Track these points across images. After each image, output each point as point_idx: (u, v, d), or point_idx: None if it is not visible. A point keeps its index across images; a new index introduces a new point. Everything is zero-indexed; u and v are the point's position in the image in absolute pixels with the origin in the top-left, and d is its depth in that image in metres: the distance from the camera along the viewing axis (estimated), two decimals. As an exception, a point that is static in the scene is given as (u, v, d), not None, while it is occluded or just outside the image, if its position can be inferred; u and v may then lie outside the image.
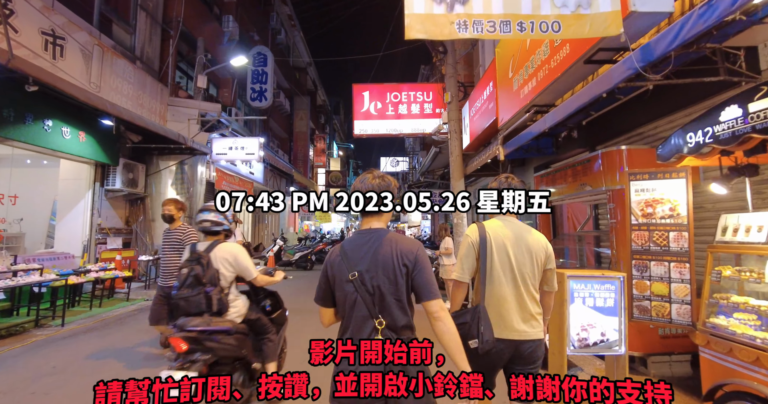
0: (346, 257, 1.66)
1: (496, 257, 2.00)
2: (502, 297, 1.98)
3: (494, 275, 1.99)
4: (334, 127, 41.26)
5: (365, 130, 8.81)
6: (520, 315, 1.97)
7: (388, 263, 1.61)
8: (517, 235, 2.05)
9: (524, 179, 8.03)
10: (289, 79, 21.30)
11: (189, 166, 9.41)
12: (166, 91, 9.56)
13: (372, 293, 1.60)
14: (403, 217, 29.16)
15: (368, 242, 1.66)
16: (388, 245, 1.63)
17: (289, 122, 22.35)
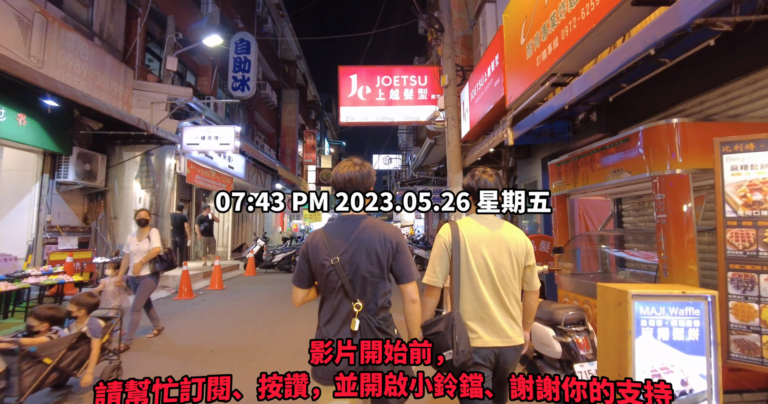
0: (329, 242, 1.71)
1: (472, 258, 1.86)
2: (482, 301, 1.84)
3: (471, 277, 1.85)
4: (325, 124, 40.27)
5: (352, 117, 7.90)
6: (503, 319, 1.84)
7: (371, 246, 1.68)
8: (493, 232, 1.90)
9: (530, 171, 7.17)
10: (276, 71, 20.31)
11: (156, 157, 8.43)
12: (131, 74, 8.56)
13: (352, 277, 1.67)
14: (395, 216, 28.27)
15: (351, 227, 1.72)
16: (371, 230, 1.71)
17: (277, 116, 21.36)
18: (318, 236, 1.76)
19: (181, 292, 7.49)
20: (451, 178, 7.17)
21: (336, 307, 1.70)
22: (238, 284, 9.24)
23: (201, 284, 8.75)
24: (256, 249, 11.36)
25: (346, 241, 1.69)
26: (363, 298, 1.67)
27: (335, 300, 1.70)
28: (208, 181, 10.43)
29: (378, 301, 1.70)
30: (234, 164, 12.08)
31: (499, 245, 1.86)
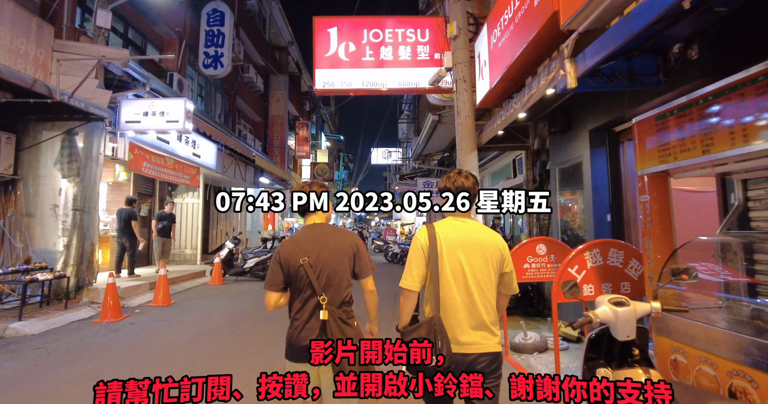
0: (298, 247, 1.97)
1: (447, 261, 1.84)
2: (452, 306, 1.82)
3: (443, 281, 1.83)
4: (322, 117, 38.35)
5: (331, 83, 6.03)
6: (470, 325, 1.81)
7: (336, 248, 1.98)
8: (470, 236, 1.87)
9: (569, 151, 5.29)
10: (264, 54, 18.44)
11: (83, 137, 6.57)
12: (50, 32, 6.70)
13: (319, 275, 1.93)
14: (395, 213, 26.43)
15: (316, 233, 2.02)
16: (335, 236, 2.02)
17: (264, 104, 19.49)
18: (288, 243, 2.01)
19: (105, 312, 5.66)
20: (462, 160, 5.30)
21: (305, 300, 1.95)
22: (192, 298, 7.39)
23: (143, 299, 6.91)
24: (224, 253, 9.51)
25: (313, 244, 1.97)
26: (327, 293, 1.93)
27: (305, 295, 1.95)
28: (162, 170, 8.57)
29: (341, 296, 1.97)
30: (201, 152, 10.21)
31: (475, 249, 1.85)
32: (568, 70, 2.72)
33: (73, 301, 6.35)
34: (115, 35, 9.40)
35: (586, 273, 3.23)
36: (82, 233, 6.42)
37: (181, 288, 8.21)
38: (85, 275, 6.41)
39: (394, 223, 41.12)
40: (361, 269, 2.02)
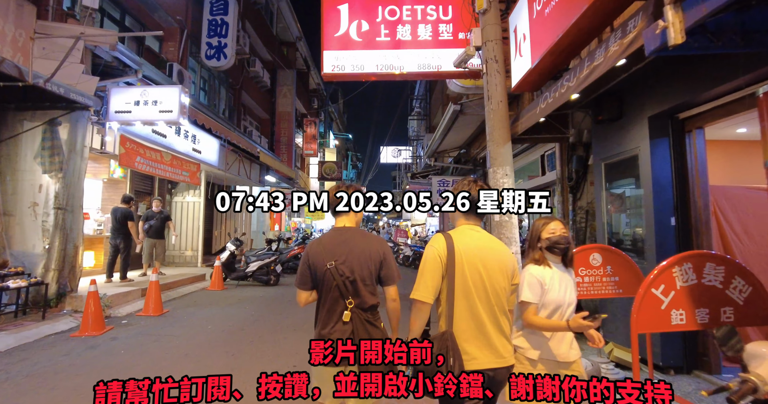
0: (325, 250, 2.00)
1: (468, 272, 1.76)
2: (479, 320, 1.75)
3: (467, 293, 1.75)
4: (330, 115, 37.72)
5: (341, 66, 5.32)
6: (497, 338, 1.76)
7: (362, 255, 1.98)
8: (486, 246, 1.83)
9: (621, 142, 4.50)
10: (271, 49, 17.79)
11: (67, 129, 5.94)
12: (32, 12, 6.08)
13: (345, 279, 1.95)
14: (405, 214, 25.66)
15: (344, 237, 2.03)
16: (363, 241, 2.03)
17: (271, 100, 18.87)
18: (316, 244, 2.05)
19: (85, 325, 5.00)
20: (495, 153, 4.54)
21: (332, 303, 1.97)
22: (187, 306, 6.73)
23: (133, 307, 6.26)
24: (225, 256, 8.84)
25: (340, 248, 1.99)
26: (354, 297, 1.96)
27: (331, 298, 1.97)
28: (158, 166, 7.93)
29: (367, 301, 1.98)
30: (202, 147, 9.57)
31: (492, 260, 1.81)
32: (671, 21, 1.96)
33: (54, 310, 5.72)
34: (111, 22, 8.80)
35: (674, 295, 2.47)
36: (64, 234, 5.79)
37: (177, 294, 7.56)
38: (67, 281, 5.77)
39: (403, 223, 40.35)
40: (386, 276, 2.03)
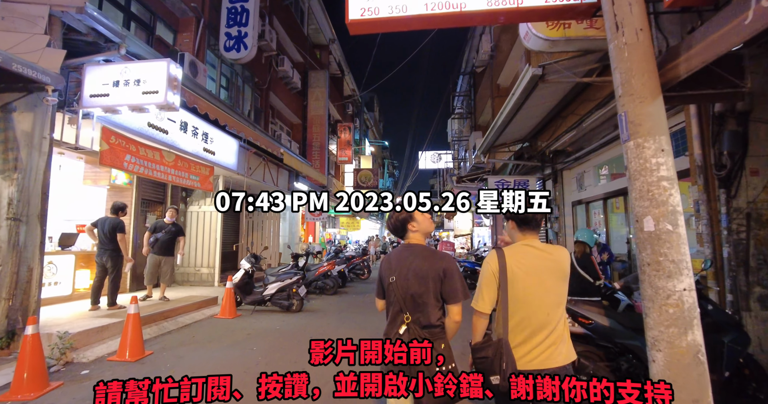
0: (389, 265, 2.13)
1: (520, 285, 1.90)
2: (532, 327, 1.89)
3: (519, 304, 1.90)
4: (366, 123, 36.50)
5: (374, 9, 3.64)
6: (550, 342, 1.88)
7: (419, 272, 2.01)
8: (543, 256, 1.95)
9: None
10: (302, 48, 16.65)
11: (26, 117, 4.63)
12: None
13: (404, 294, 2.02)
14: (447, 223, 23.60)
15: (407, 253, 2.10)
16: (423, 260, 2.04)
17: (302, 104, 17.67)
18: (386, 258, 2.19)
19: (18, 382, 3.53)
20: (637, 115, 2.64)
21: (394, 316, 2.06)
22: (179, 345, 5.19)
23: (107, 348, 4.80)
24: (239, 275, 7.33)
25: (401, 264, 2.07)
26: (412, 313, 2.00)
27: (393, 310, 2.07)
28: (157, 168, 6.58)
29: (426, 318, 1.99)
30: (216, 148, 8.22)
31: (549, 270, 1.92)
32: None
33: (4, 353, 4.34)
34: (113, 6, 7.70)
35: None
36: (17, 253, 4.42)
37: (175, 325, 6.08)
38: (18, 315, 4.37)
39: (442, 234, 38.08)
40: (447, 294, 2.01)
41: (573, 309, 3.62)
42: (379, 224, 38.96)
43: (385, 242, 20.27)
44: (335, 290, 9.71)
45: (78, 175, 7.74)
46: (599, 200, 7.30)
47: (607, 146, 6.57)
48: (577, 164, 7.87)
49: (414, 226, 2.15)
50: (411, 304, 1.99)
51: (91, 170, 7.75)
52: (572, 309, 3.63)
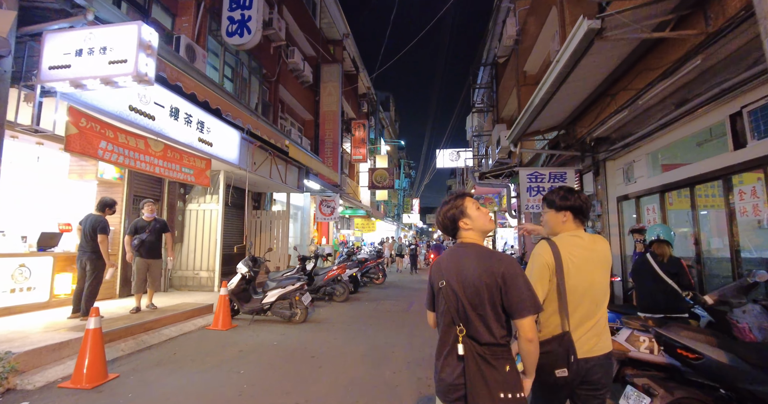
0: (439, 268, 1.77)
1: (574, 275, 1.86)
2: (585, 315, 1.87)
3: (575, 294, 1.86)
4: (381, 122, 35.65)
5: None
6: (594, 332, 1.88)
7: (469, 279, 1.65)
8: (591, 250, 1.92)
9: None
10: (314, 40, 15.89)
11: (-26, 92, 3.85)
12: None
13: (455, 302, 1.67)
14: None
15: (459, 254, 1.74)
16: (473, 262, 1.68)
17: (314, 99, 16.89)
18: (437, 261, 1.82)
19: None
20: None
21: (446, 329, 1.71)
22: (153, 366, 4.32)
23: (64, 369, 3.96)
24: (235, 281, 6.47)
25: (452, 267, 1.72)
26: (467, 325, 1.64)
27: (445, 321, 1.72)
28: (142, 158, 5.78)
29: (486, 334, 1.61)
30: (214, 138, 7.42)
31: (597, 263, 1.90)
32: None
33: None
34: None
35: None
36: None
37: (157, 338, 5.25)
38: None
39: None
40: (511, 306, 1.60)
41: (666, 334, 2.59)
42: (395, 226, 38.00)
43: (400, 244, 19.23)
44: (346, 297, 8.78)
45: (62, 168, 7.04)
46: (654, 194, 6.17)
47: (666, 128, 5.46)
48: (624, 153, 6.76)
49: (467, 223, 1.78)
50: (465, 315, 1.65)
51: (77, 163, 7.04)
52: (664, 335, 2.60)
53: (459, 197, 1.83)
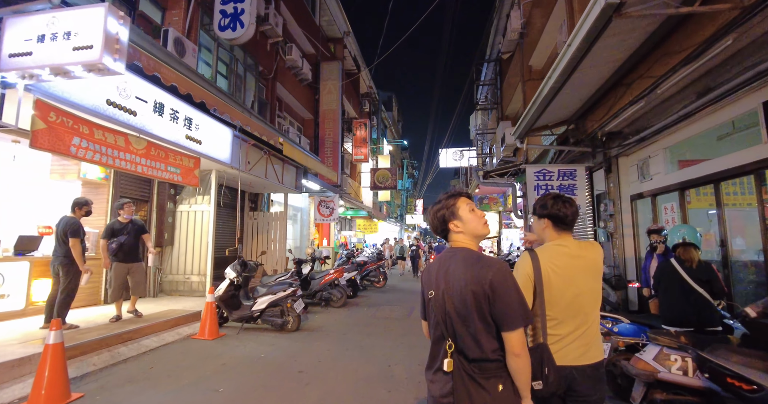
0: (430, 274, 1.64)
1: (554, 286, 1.81)
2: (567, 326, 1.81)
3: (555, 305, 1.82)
4: (384, 122, 35.23)
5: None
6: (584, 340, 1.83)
7: (456, 287, 1.52)
8: (576, 256, 1.88)
9: None
10: (313, 37, 15.53)
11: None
12: None
13: (444, 314, 1.54)
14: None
15: (448, 262, 1.60)
16: (460, 269, 1.53)
17: (313, 98, 16.52)
18: (426, 268, 1.71)
19: None
20: None
21: (436, 342, 1.60)
22: (125, 383, 3.93)
23: (23, 388, 3.57)
24: (223, 287, 6.08)
25: (440, 274, 1.59)
26: (456, 339, 1.51)
27: (435, 335, 1.60)
28: (120, 156, 5.40)
29: (476, 349, 1.47)
30: (203, 136, 7.03)
31: (584, 268, 1.86)
32: None
33: None
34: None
35: None
36: None
37: (136, 350, 4.86)
38: None
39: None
40: (498, 317, 1.45)
41: (712, 360, 2.15)
42: (398, 227, 37.57)
43: (402, 246, 18.68)
44: (344, 302, 8.36)
45: (43, 168, 6.70)
46: (672, 192, 5.72)
47: (686, 120, 5.01)
48: (639, 148, 6.30)
49: (457, 226, 1.64)
50: (453, 328, 1.51)
51: (59, 162, 6.70)
52: (710, 361, 2.16)
53: (452, 197, 1.67)
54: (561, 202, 1.95)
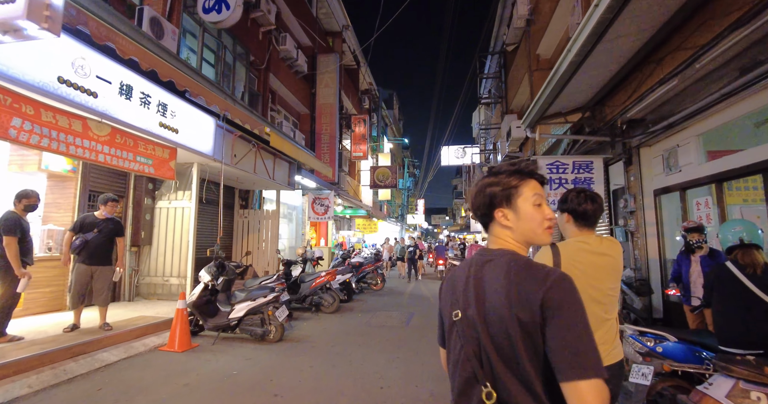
0: (453, 286, 1.13)
1: (579, 282, 1.26)
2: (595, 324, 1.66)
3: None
4: (385, 120, 34.54)
5: None
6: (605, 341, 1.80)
7: (495, 309, 0.99)
8: (597, 253, 1.81)
9: None
10: (310, 28, 14.86)
11: None
12: None
13: (478, 345, 1.01)
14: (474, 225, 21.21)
15: (479, 268, 1.08)
16: (502, 281, 1.00)
17: (309, 91, 15.85)
18: (450, 276, 1.18)
19: None
20: None
21: (462, 388, 1.02)
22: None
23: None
24: (197, 292, 5.40)
25: (469, 287, 1.06)
26: (496, 385, 0.96)
27: (461, 376, 1.02)
28: (78, 142, 4.73)
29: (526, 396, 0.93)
30: (179, 124, 6.36)
31: (607, 266, 1.82)
32: None
33: None
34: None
35: None
36: None
37: (88, 366, 4.19)
38: None
39: (467, 237, 35.62)
40: (555, 355, 0.90)
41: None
42: (398, 227, 36.89)
43: (403, 246, 17.83)
44: (336, 307, 7.68)
45: (1, 159, 6.05)
46: (704, 185, 5.03)
47: (725, 101, 4.32)
48: (664, 137, 5.62)
49: (507, 217, 1.08)
50: (491, 368, 0.98)
51: (17, 151, 6.04)
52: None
53: (516, 174, 1.11)
54: (583, 197, 1.88)
